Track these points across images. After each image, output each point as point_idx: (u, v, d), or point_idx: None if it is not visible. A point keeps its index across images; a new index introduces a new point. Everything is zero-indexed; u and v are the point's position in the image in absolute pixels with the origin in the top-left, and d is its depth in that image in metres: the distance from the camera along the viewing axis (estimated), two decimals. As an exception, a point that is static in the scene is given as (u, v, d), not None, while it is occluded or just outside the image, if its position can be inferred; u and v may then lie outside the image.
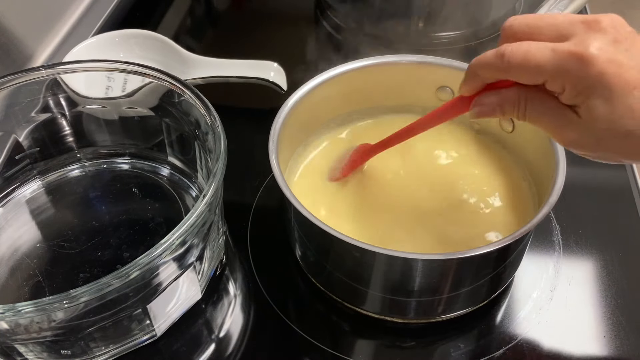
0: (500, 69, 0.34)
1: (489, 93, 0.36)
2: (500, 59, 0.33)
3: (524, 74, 0.33)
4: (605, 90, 0.30)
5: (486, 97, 0.36)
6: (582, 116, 0.32)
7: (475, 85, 0.36)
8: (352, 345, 0.46)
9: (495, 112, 0.36)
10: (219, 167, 0.43)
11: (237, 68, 0.64)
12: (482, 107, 0.36)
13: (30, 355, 0.42)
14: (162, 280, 0.42)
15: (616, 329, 0.46)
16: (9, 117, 0.53)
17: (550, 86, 0.32)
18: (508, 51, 0.33)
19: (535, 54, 0.32)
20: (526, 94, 0.34)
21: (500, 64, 0.33)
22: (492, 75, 0.35)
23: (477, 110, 0.37)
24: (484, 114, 0.36)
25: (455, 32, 0.74)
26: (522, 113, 0.35)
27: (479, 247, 0.39)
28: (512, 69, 0.33)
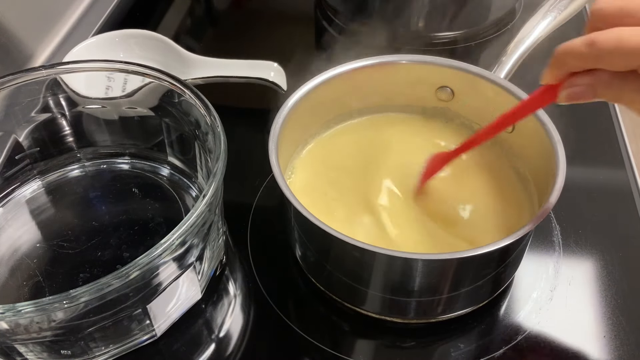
0: (590, 57, 0.33)
1: (581, 75, 0.34)
2: (591, 47, 0.32)
3: (617, 61, 0.32)
4: None
5: (578, 79, 0.35)
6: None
7: (562, 74, 0.35)
8: (352, 345, 0.46)
9: (588, 94, 0.35)
10: (219, 167, 0.43)
11: (237, 68, 0.64)
12: (574, 88, 0.35)
13: (30, 355, 0.42)
14: (162, 280, 0.42)
15: (616, 329, 0.46)
16: (9, 117, 0.53)
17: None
18: (600, 39, 0.32)
19: (628, 39, 0.31)
20: (619, 75, 0.33)
21: (590, 52, 0.32)
22: (582, 64, 0.34)
23: (568, 92, 0.36)
24: (576, 96, 0.35)
25: (455, 32, 0.74)
26: (616, 94, 0.34)
27: (479, 247, 0.39)
28: (604, 57, 0.32)
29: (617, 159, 0.58)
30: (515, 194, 0.50)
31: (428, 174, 0.49)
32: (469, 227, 0.47)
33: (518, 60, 0.52)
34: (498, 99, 0.50)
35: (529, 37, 0.52)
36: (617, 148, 0.59)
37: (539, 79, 0.37)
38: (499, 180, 0.51)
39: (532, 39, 0.52)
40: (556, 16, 0.53)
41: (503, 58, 0.52)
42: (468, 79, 0.51)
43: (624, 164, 0.58)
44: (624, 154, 0.59)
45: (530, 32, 0.52)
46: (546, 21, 0.53)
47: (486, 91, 0.50)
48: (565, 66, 0.35)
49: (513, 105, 0.43)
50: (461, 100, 0.53)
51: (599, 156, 0.59)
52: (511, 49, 0.52)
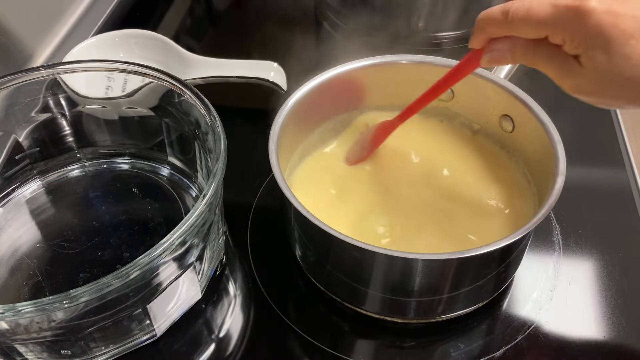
0: (505, 25, 0.36)
1: (501, 40, 0.37)
2: (505, 15, 0.35)
3: (527, 29, 0.35)
4: (602, 40, 0.32)
5: (497, 44, 0.38)
6: (584, 65, 0.34)
7: (484, 39, 0.38)
8: (352, 345, 0.46)
9: (507, 57, 0.38)
10: (219, 167, 0.43)
11: (237, 68, 0.64)
12: (494, 52, 0.38)
13: (30, 355, 0.42)
14: (162, 280, 0.42)
15: (616, 329, 0.46)
16: (9, 117, 0.53)
17: (553, 39, 0.34)
18: (513, 9, 0.35)
19: (536, 9, 0.34)
20: (534, 42, 0.36)
21: (505, 21, 0.35)
22: (498, 31, 0.37)
23: (489, 56, 0.38)
24: (496, 59, 0.38)
25: (455, 32, 0.74)
26: (530, 59, 0.36)
27: (479, 247, 0.39)
28: (515, 25, 0.35)
29: (617, 159, 0.58)
30: (515, 194, 0.50)
31: (374, 144, 0.51)
32: (469, 227, 0.47)
33: (518, 60, 0.52)
34: (498, 99, 0.50)
35: (529, 37, 0.52)
36: (617, 148, 0.59)
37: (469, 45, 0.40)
38: (499, 180, 0.51)
39: (532, 39, 0.52)
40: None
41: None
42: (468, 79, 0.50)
43: (624, 164, 0.58)
44: (624, 154, 0.59)
45: (530, 32, 0.52)
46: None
47: (486, 91, 0.50)
48: (484, 32, 0.38)
49: (512, 104, 0.44)
50: (461, 100, 0.53)
51: (599, 156, 0.59)
52: (511, 49, 0.52)
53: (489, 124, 0.53)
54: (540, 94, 0.48)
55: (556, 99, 0.45)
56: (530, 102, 0.47)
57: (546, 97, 0.48)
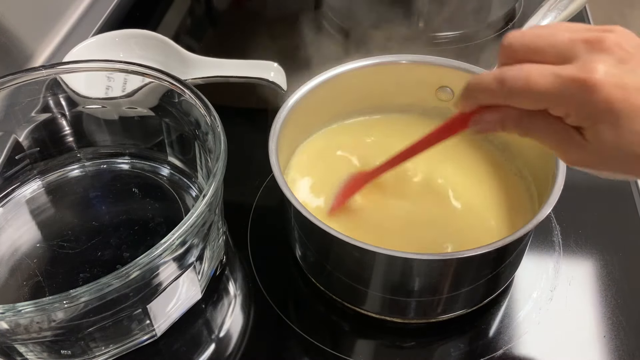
0: (500, 95, 0.32)
1: (490, 110, 0.34)
2: (501, 84, 0.32)
3: (526, 101, 0.32)
4: (612, 116, 0.29)
5: (486, 115, 0.34)
6: (588, 139, 0.31)
7: (472, 106, 0.35)
8: (352, 345, 0.46)
9: (496, 129, 0.34)
10: (219, 167, 0.43)
11: (237, 68, 0.64)
12: (482, 124, 0.35)
13: (30, 355, 0.42)
14: (162, 280, 0.42)
15: (616, 329, 0.46)
16: (9, 117, 0.53)
17: (554, 111, 0.31)
18: (509, 77, 0.31)
19: (537, 80, 0.30)
20: (528, 112, 0.33)
21: (500, 91, 0.32)
22: (491, 100, 0.33)
23: (477, 128, 0.35)
24: (484, 130, 0.35)
25: (455, 32, 0.74)
26: (524, 131, 0.33)
27: (479, 247, 0.39)
28: (513, 96, 0.32)
29: (617, 159, 0.58)
30: (515, 194, 0.50)
31: (347, 193, 0.48)
32: (469, 227, 0.48)
33: (518, 60, 0.52)
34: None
35: (529, 37, 0.52)
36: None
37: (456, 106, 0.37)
38: (499, 180, 0.51)
39: (532, 39, 0.52)
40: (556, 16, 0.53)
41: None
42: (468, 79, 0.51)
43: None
44: (624, 154, 0.59)
45: (530, 32, 0.52)
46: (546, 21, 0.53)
47: (486, 91, 0.50)
48: (475, 99, 0.34)
49: None
50: (461, 100, 0.53)
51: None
52: (511, 49, 0.52)
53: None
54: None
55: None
56: (530, 102, 0.47)
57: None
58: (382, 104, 0.55)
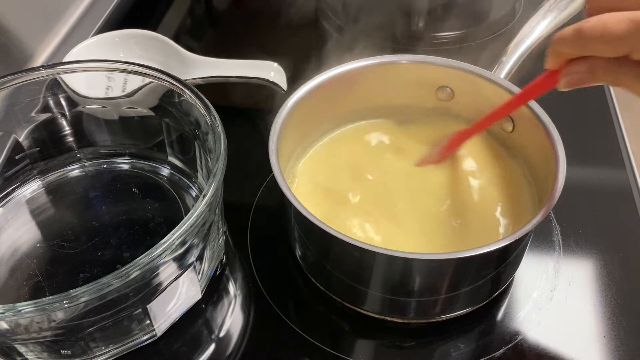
0: (580, 46, 0.33)
1: (578, 62, 0.35)
2: (578, 35, 0.33)
3: (605, 48, 0.32)
4: None
5: (576, 66, 0.35)
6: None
7: (559, 61, 0.36)
8: (352, 345, 0.46)
9: (586, 80, 0.35)
10: (219, 167, 0.43)
11: (237, 68, 0.64)
12: (572, 75, 0.36)
13: (30, 355, 0.42)
14: (162, 280, 0.42)
15: (616, 329, 0.46)
16: (9, 117, 0.53)
17: (635, 56, 0.32)
18: (586, 27, 0.32)
19: (613, 26, 0.31)
20: (616, 61, 0.33)
21: (579, 41, 0.33)
22: (574, 51, 0.34)
23: (567, 79, 0.36)
24: (575, 82, 0.36)
25: (455, 32, 0.74)
26: (613, 78, 0.34)
27: (479, 247, 0.39)
28: (591, 44, 0.33)
29: (617, 159, 0.58)
30: (515, 194, 0.50)
31: (450, 148, 0.51)
32: (469, 227, 0.47)
33: (518, 60, 0.52)
34: (498, 99, 0.50)
35: (529, 37, 0.52)
36: (617, 148, 0.59)
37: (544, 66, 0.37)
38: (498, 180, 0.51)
39: (532, 39, 0.52)
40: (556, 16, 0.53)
41: (503, 58, 0.52)
42: (468, 79, 0.51)
43: (624, 164, 0.58)
44: (624, 154, 0.59)
45: (530, 32, 0.52)
46: (546, 21, 0.53)
47: (486, 91, 0.50)
48: (561, 54, 0.35)
49: None
50: (461, 100, 0.53)
51: (599, 156, 0.59)
52: (511, 49, 0.52)
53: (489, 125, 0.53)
54: (540, 94, 0.48)
55: (556, 99, 0.45)
56: (530, 102, 0.47)
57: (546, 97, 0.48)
58: (382, 104, 0.55)
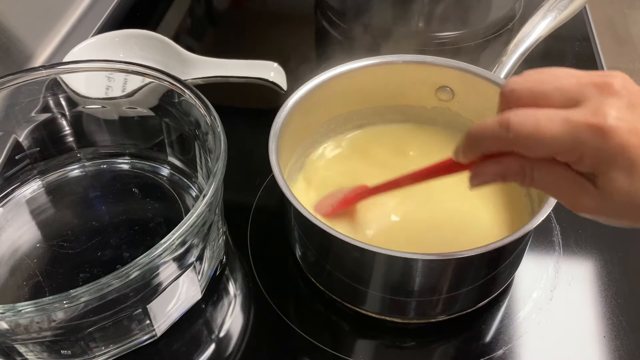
0: (505, 142, 0.30)
1: (489, 162, 0.33)
2: (506, 130, 0.30)
3: (535, 147, 0.30)
4: (626, 162, 0.28)
5: (486, 167, 0.33)
6: (600, 186, 0.30)
7: (474, 155, 0.33)
8: (352, 345, 0.46)
9: (496, 181, 0.33)
10: (219, 167, 0.43)
11: (237, 68, 0.64)
12: (482, 177, 0.33)
13: (30, 355, 0.42)
14: (162, 280, 0.42)
15: (616, 329, 0.46)
16: (9, 117, 0.53)
17: (563, 158, 0.30)
18: (514, 122, 0.29)
19: (546, 125, 0.29)
20: (532, 162, 0.31)
21: (506, 137, 0.30)
22: (496, 147, 0.32)
23: (477, 181, 0.34)
24: (484, 183, 0.34)
25: (455, 32, 0.74)
26: (528, 181, 0.32)
27: (478, 247, 0.39)
28: (519, 142, 0.30)
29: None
30: (515, 194, 0.50)
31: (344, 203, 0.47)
32: (469, 227, 0.48)
33: (518, 60, 0.52)
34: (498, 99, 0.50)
35: (529, 37, 0.52)
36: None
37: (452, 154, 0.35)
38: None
39: (532, 39, 0.52)
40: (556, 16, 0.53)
41: (503, 58, 0.52)
42: (468, 79, 0.51)
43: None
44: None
45: (530, 32, 0.52)
46: (546, 21, 0.53)
47: (486, 91, 0.50)
48: (478, 149, 0.33)
49: None
50: (461, 100, 0.53)
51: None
52: (511, 49, 0.52)
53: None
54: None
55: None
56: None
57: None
58: (382, 104, 0.55)
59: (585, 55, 0.71)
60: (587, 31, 0.74)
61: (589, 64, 0.70)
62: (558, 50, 0.69)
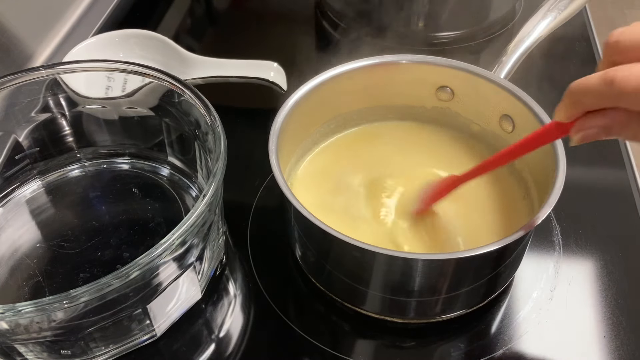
0: (610, 97, 0.30)
1: (594, 115, 0.32)
2: (610, 86, 0.30)
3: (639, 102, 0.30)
4: None
5: (591, 120, 0.32)
6: None
7: (577, 113, 0.33)
8: (352, 345, 0.46)
9: (601, 135, 0.33)
10: (219, 167, 0.43)
11: (237, 68, 0.64)
12: (587, 131, 0.33)
13: (30, 355, 0.42)
14: (162, 280, 0.42)
15: (616, 329, 0.46)
16: (9, 117, 0.53)
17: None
18: (619, 77, 0.29)
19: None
20: (638, 115, 0.31)
21: (610, 92, 0.30)
22: (599, 103, 0.31)
23: (581, 135, 0.33)
24: (589, 138, 0.33)
25: (455, 32, 0.74)
26: (632, 134, 0.32)
27: (478, 247, 0.39)
28: (625, 97, 0.30)
29: (617, 159, 0.58)
30: (515, 194, 0.50)
31: (437, 196, 0.47)
32: (469, 227, 0.48)
33: (518, 60, 0.52)
34: (498, 99, 0.50)
35: (529, 37, 0.52)
36: (617, 148, 0.59)
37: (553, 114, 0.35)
38: (499, 180, 0.51)
39: (532, 39, 0.52)
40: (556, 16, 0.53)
41: (503, 58, 0.52)
42: (468, 79, 0.51)
43: (624, 164, 0.58)
44: (624, 154, 0.59)
45: (530, 32, 0.52)
46: (546, 21, 0.53)
47: (486, 91, 0.50)
48: (581, 105, 0.32)
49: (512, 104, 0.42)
50: (461, 100, 0.53)
51: (599, 156, 0.59)
52: (511, 49, 0.52)
53: (489, 124, 0.53)
54: (540, 94, 0.48)
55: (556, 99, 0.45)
56: (530, 102, 0.47)
57: (546, 97, 0.48)
58: (381, 104, 0.55)
59: (585, 55, 0.71)
60: (587, 31, 0.74)
61: (589, 64, 0.70)
62: (558, 50, 0.69)
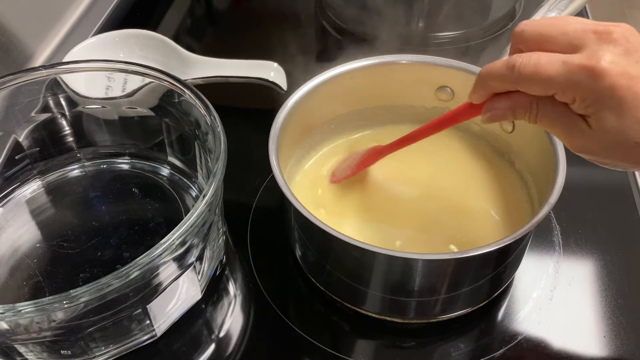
0: (510, 81, 0.34)
1: (500, 97, 0.36)
2: (511, 70, 0.33)
3: (534, 86, 0.33)
4: (615, 103, 0.31)
5: (497, 102, 0.36)
6: (592, 126, 0.32)
7: (485, 94, 0.36)
8: (352, 345, 0.46)
9: (507, 116, 0.36)
10: (219, 167, 0.43)
11: (237, 68, 0.64)
12: (494, 111, 0.36)
13: (30, 355, 0.42)
14: (162, 280, 0.42)
15: (616, 329, 0.46)
16: (9, 117, 0.53)
17: (561, 97, 0.33)
18: (518, 63, 0.33)
19: (545, 66, 0.32)
20: (537, 99, 0.34)
21: (510, 76, 0.33)
22: (502, 86, 0.35)
23: (489, 115, 0.37)
24: (496, 117, 0.37)
25: (455, 32, 0.74)
26: (533, 117, 0.35)
27: (479, 247, 0.39)
28: (522, 81, 0.33)
29: (617, 159, 0.58)
30: (515, 194, 0.50)
31: (361, 165, 0.50)
32: (469, 227, 0.48)
33: (518, 60, 0.52)
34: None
35: (529, 37, 0.52)
36: (617, 148, 0.59)
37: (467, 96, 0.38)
38: (499, 180, 0.51)
39: (532, 39, 0.52)
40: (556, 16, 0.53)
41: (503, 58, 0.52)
42: (468, 79, 0.51)
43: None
44: (624, 154, 0.59)
45: (530, 32, 0.52)
46: (546, 21, 0.53)
47: (486, 91, 0.50)
48: (488, 88, 0.36)
49: None
50: (461, 100, 0.53)
51: (599, 156, 0.59)
52: (511, 49, 0.52)
53: (489, 125, 0.53)
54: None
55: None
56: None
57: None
58: (382, 104, 0.55)
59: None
60: (587, 31, 0.74)
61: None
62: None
